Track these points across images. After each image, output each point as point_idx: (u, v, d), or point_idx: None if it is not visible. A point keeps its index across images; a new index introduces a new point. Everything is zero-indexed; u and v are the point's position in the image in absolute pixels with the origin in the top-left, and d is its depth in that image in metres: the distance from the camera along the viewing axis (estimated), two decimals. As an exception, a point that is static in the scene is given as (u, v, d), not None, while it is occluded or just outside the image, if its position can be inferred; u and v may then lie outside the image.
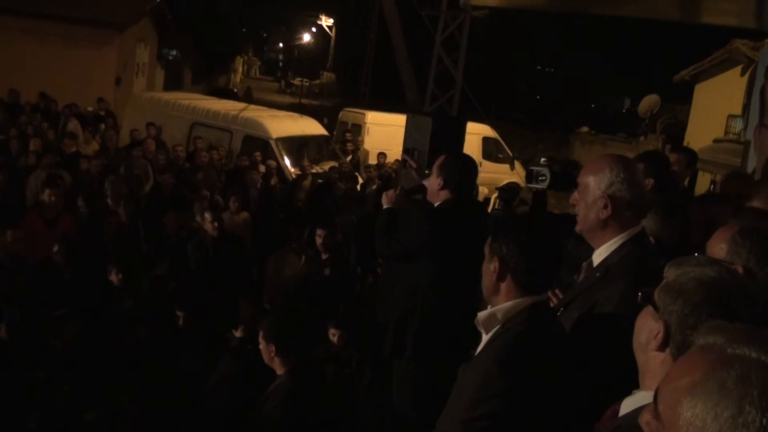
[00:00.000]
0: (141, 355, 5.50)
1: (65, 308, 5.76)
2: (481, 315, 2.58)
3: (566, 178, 3.68)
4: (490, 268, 2.58)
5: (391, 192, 4.82)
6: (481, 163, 17.79)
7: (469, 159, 4.77)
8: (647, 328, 1.93)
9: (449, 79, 18.10)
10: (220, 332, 5.83)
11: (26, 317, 5.52)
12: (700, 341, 1.38)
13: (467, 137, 7.89)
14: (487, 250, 2.62)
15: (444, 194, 4.50)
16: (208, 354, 5.62)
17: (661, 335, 1.86)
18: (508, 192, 5.34)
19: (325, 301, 6.64)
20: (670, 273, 1.95)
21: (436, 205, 4.54)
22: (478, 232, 3.44)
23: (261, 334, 4.35)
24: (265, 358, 4.33)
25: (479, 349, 2.61)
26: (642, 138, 24.47)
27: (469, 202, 4.70)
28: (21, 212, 8.10)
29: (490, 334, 2.56)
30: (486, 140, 18.23)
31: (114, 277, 6.52)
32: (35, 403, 4.73)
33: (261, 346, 4.33)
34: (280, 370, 4.31)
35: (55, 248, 6.75)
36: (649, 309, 1.93)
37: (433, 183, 4.55)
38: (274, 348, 4.25)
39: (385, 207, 4.77)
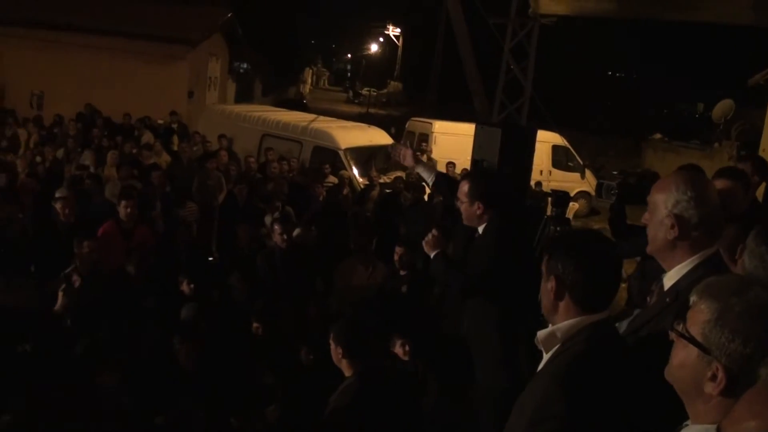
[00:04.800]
0: (211, 364, 5.59)
1: (137, 319, 5.92)
2: (541, 334, 2.53)
3: (641, 190, 3.59)
4: (547, 287, 2.52)
5: (429, 238, 4.77)
6: (550, 172, 17.60)
7: (497, 172, 4.75)
8: (691, 365, 1.77)
9: (518, 88, 17.94)
10: (289, 343, 5.89)
11: (100, 327, 5.69)
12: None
13: (536, 145, 7.80)
14: (543, 268, 2.57)
15: (487, 216, 4.50)
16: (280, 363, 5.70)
17: (723, 382, 1.69)
18: (559, 198, 5.27)
19: (396, 314, 6.63)
20: (706, 304, 1.77)
21: (481, 229, 4.53)
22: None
23: (331, 336, 4.47)
24: (334, 358, 4.46)
25: (539, 368, 2.56)
26: (716, 145, 23.72)
27: (516, 216, 4.68)
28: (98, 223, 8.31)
29: (550, 353, 2.51)
30: (555, 148, 18.02)
31: (185, 287, 6.66)
32: (106, 409, 4.84)
33: (331, 348, 4.46)
34: (348, 372, 4.42)
35: (130, 259, 6.89)
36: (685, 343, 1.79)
37: (470, 211, 4.54)
38: (341, 350, 4.38)
39: (433, 254, 4.73)
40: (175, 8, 20.97)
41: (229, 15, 21.00)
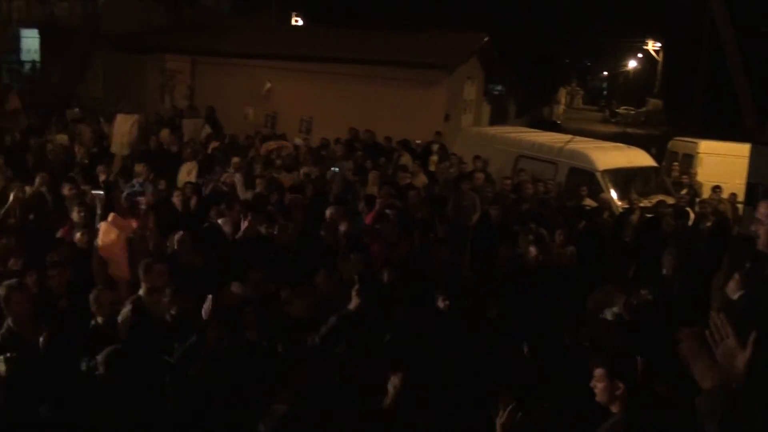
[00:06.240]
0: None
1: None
2: None
3: None
4: None
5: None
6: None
7: None
8: None
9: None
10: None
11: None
12: None
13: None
14: None
15: None
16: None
17: None
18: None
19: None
20: None
21: None
22: None
23: (603, 371, 4.15)
24: (604, 396, 4.14)
25: None
26: None
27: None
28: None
29: None
30: None
31: (440, 303, 6.82)
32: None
33: (600, 384, 4.15)
34: (616, 408, 4.12)
35: (385, 273, 7.30)
36: None
37: None
38: (622, 386, 4.06)
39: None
40: (433, 35, 21.71)
41: (486, 39, 21.28)
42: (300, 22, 35.32)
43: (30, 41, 32.35)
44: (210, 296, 5.99)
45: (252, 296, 6.45)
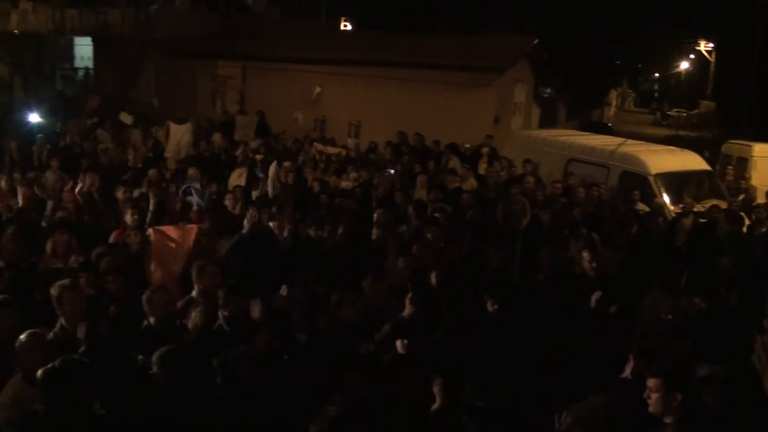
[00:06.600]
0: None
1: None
2: None
3: None
4: None
5: None
6: None
7: None
8: None
9: None
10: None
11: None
12: None
13: None
14: None
15: None
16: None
17: None
18: None
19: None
20: None
21: None
22: None
23: (658, 381, 4.08)
24: (658, 406, 4.05)
25: None
26: None
27: None
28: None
29: None
30: None
31: (489, 307, 6.79)
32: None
33: (655, 395, 4.07)
34: (670, 419, 4.04)
35: (433, 275, 7.29)
36: None
37: None
38: (679, 397, 3.99)
39: None
40: (483, 37, 21.65)
41: (536, 41, 21.12)
42: (349, 27, 35.50)
43: (83, 49, 33.33)
44: (258, 299, 6.07)
45: (301, 299, 6.48)
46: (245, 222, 8.04)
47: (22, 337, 4.87)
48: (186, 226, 8.12)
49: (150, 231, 7.95)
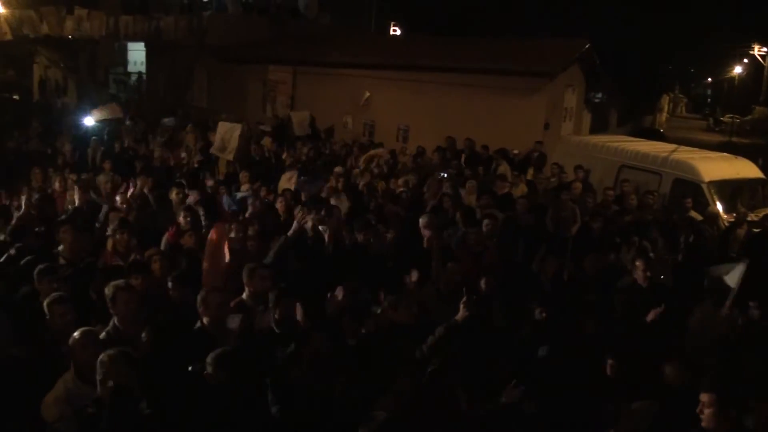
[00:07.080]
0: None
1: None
2: None
3: None
4: None
5: None
6: None
7: None
8: None
9: None
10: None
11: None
12: None
13: None
14: None
15: None
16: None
17: None
18: None
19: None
20: None
21: None
22: None
23: (713, 396, 4.00)
24: (713, 422, 3.95)
25: None
26: None
27: None
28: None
29: None
30: None
31: (538, 315, 6.77)
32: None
33: (709, 410, 3.98)
34: None
35: (483, 281, 7.30)
36: None
37: None
38: (734, 414, 3.92)
39: None
40: (533, 42, 21.46)
41: (587, 46, 20.88)
42: (398, 32, 35.57)
43: (136, 54, 34.03)
44: (299, 303, 6.12)
45: (350, 303, 6.52)
46: (294, 223, 8.09)
47: (75, 334, 4.99)
48: (226, 228, 8.24)
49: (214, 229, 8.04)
